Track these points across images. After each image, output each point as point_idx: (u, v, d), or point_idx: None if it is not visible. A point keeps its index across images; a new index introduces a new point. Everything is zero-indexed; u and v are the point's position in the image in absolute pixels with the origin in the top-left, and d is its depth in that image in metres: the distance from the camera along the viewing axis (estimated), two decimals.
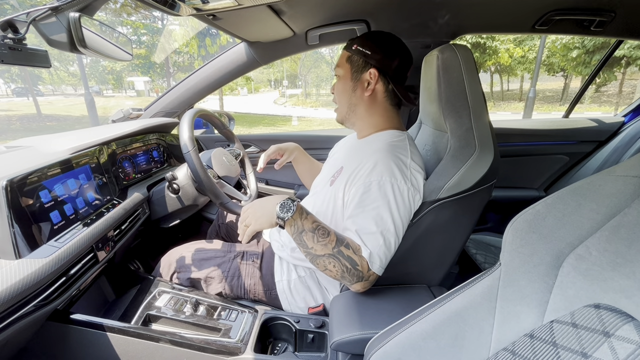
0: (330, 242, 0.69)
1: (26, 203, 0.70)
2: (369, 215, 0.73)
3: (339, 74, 0.88)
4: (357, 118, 0.89)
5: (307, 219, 0.71)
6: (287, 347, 0.89)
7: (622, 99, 12.96)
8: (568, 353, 0.37)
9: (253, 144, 1.71)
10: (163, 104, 1.49)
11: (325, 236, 0.69)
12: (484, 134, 0.78)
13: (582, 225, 0.44)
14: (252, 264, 0.99)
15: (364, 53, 0.83)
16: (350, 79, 0.86)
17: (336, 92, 0.90)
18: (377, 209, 0.73)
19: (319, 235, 0.69)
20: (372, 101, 0.86)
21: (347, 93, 0.87)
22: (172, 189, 1.09)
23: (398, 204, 0.74)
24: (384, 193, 0.73)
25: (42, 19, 0.66)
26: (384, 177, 0.74)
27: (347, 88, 0.86)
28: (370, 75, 0.83)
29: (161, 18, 14.89)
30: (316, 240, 0.69)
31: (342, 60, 0.87)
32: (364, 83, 0.84)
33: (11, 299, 0.58)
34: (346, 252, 0.70)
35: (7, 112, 14.77)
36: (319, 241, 0.69)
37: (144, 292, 0.95)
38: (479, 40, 11.78)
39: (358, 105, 0.87)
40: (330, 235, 0.70)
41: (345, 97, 0.88)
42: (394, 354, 0.55)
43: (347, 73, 0.86)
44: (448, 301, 0.54)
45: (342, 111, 0.90)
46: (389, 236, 0.73)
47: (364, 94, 0.85)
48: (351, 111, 0.89)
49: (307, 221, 0.70)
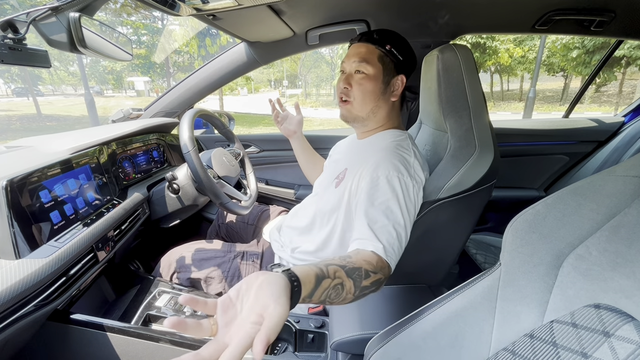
0: (349, 292, 0.56)
1: (26, 203, 0.70)
2: (379, 208, 0.71)
3: (367, 71, 0.81)
4: (374, 120, 0.86)
5: (312, 300, 0.53)
6: (287, 347, 0.89)
7: (622, 99, 12.96)
8: (568, 353, 0.37)
9: (253, 144, 1.71)
10: (163, 104, 1.49)
11: (340, 292, 0.55)
12: (484, 134, 0.78)
13: (582, 225, 0.43)
14: (252, 264, 0.99)
15: (398, 58, 0.82)
16: (381, 80, 0.82)
17: (359, 89, 0.82)
18: (386, 202, 0.71)
19: (332, 297, 0.55)
20: (393, 106, 0.86)
21: (375, 94, 0.82)
22: (172, 189, 1.09)
23: (405, 198, 0.72)
24: (392, 187, 0.72)
25: (42, 19, 0.66)
26: (391, 172, 0.73)
27: (377, 90, 0.82)
28: (399, 81, 0.83)
29: (161, 18, 14.91)
30: (332, 299, 0.55)
31: (373, 58, 0.81)
32: (392, 88, 0.83)
33: (11, 299, 0.58)
34: (369, 282, 0.59)
35: (7, 112, 14.78)
36: (336, 299, 0.55)
37: (144, 292, 0.95)
38: (479, 40, 11.77)
39: (381, 108, 0.85)
40: (346, 287, 0.55)
41: (372, 98, 0.83)
42: (394, 354, 0.55)
43: (379, 74, 0.81)
44: (448, 301, 0.54)
45: (361, 110, 0.84)
46: (400, 229, 0.70)
47: (390, 99, 0.84)
48: (372, 113, 0.85)
49: (315, 299, 0.53)
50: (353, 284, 0.56)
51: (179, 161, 1.47)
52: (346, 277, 0.55)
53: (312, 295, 0.50)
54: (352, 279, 0.56)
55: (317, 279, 0.51)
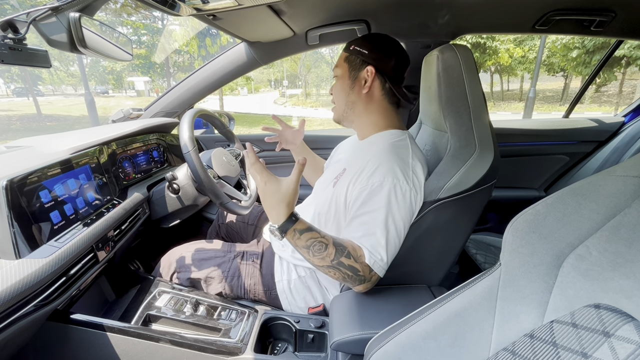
0: (328, 255, 0.68)
1: (26, 203, 0.70)
2: (371, 217, 0.73)
3: (338, 74, 0.89)
4: (355, 116, 0.90)
5: (300, 239, 0.68)
6: (287, 347, 0.89)
7: (622, 99, 12.96)
8: (568, 353, 0.37)
9: (253, 144, 1.71)
10: (163, 104, 1.49)
11: (322, 250, 0.68)
12: (484, 134, 0.78)
13: (582, 225, 0.43)
14: (252, 264, 0.99)
15: (361, 52, 0.85)
16: (348, 77, 0.87)
17: (334, 92, 0.91)
18: (379, 210, 0.73)
19: (314, 250, 0.68)
20: (370, 99, 0.87)
21: (344, 91, 0.88)
22: (172, 189, 1.09)
23: (400, 205, 0.74)
24: (386, 195, 0.73)
25: (42, 19, 0.66)
26: (386, 178, 0.74)
27: (345, 86, 0.88)
28: (368, 73, 0.84)
29: (161, 18, 14.91)
30: (312, 254, 0.68)
31: (340, 61, 0.89)
32: (362, 81, 0.85)
33: (11, 299, 0.58)
34: (347, 262, 0.69)
35: (7, 112, 14.77)
36: (315, 255, 0.68)
37: (144, 292, 0.95)
38: (479, 40, 11.78)
39: (356, 102, 0.88)
40: (328, 249, 0.68)
41: (343, 95, 0.89)
42: (394, 354, 0.55)
43: (345, 72, 0.88)
44: (448, 301, 0.54)
45: (340, 109, 0.91)
46: (391, 238, 0.73)
47: (362, 92, 0.86)
48: (349, 109, 0.89)
49: (301, 240, 0.68)
50: (335, 252, 0.68)
51: (179, 161, 1.47)
52: (332, 244, 0.69)
53: (302, 233, 0.68)
54: (335, 248, 0.69)
55: (310, 226, 0.69)
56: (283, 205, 0.67)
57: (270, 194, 0.68)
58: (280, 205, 0.68)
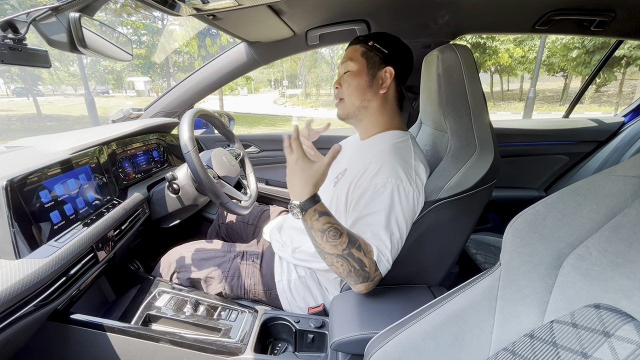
0: (341, 243, 0.67)
1: (26, 203, 0.70)
2: (375, 218, 0.73)
3: (352, 68, 0.85)
4: (366, 115, 0.88)
5: (318, 220, 0.68)
6: (287, 347, 0.89)
7: (622, 99, 12.96)
8: (568, 353, 0.37)
9: (253, 144, 1.71)
10: (163, 104, 1.49)
11: (336, 237, 0.67)
12: (484, 134, 0.78)
13: (582, 225, 0.43)
14: (252, 264, 0.99)
15: (382, 51, 0.83)
16: (366, 74, 0.84)
17: (347, 86, 0.86)
18: (383, 211, 0.73)
19: (329, 236, 0.67)
20: (384, 100, 0.86)
21: (361, 88, 0.85)
22: (172, 189, 1.09)
23: (403, 206, 0.74)
24: (389, 196, 0.73)
25: (42, 19, 0.66)
26: (389, 179, 0.74)
27: (362, 83, 0.84)
28: (386, 74, 0.83)
29: (161, 18, 14.92)
30: (325, 239, 0.68)
31: (357, 55, 0.85)
32: (379, 80, 0.84)
33: (11, 299, 0.58)
34: (357, 255, 0.68)
35: (7, 112, 14.77)
36: (329, 241, 0.68)
37: (144, 292, 0.95)
38: (479, 40, 11.78)
39: (371, 101, 0.86)
40: (342, 237, 0.68)
41: (359, 92, 0.85)
42: (394, 354, 0.55)
43: (363, 68, 0.84)
44: (448, 301, 0.54)
45: (352, 105, 0.87)
46: (394, 239, 0.73)
47: (379, 91, 0.84)
48: (362, 107, 0.87)
49: (318, 222, 0.68)
50: (348, 241, 0.68)
51: (179, 161, 1.47)
52: (346, 234, 0.68)
53: (321, 215, 0.67)
54: (349, 238, 0.68)
55: (329, 211, 0.69)
56: (310, 184, 0.67)
57: (299, 170, 0.68)
58: (307, 183, 0.67)
